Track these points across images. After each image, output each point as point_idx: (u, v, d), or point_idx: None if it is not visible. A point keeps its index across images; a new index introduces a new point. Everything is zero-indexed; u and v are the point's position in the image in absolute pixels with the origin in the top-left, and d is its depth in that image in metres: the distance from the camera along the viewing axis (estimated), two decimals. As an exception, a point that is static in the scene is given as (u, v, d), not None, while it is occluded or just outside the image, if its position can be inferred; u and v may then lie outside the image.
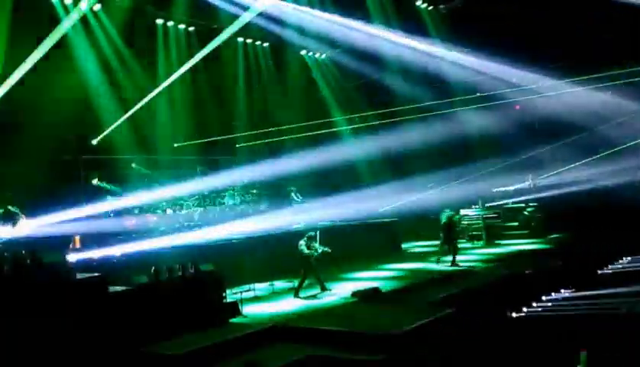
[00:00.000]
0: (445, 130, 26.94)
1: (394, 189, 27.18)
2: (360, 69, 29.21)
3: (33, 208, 17.95)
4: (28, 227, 16.71)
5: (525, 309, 13.87)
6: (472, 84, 28.00)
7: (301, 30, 26.48)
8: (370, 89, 29.95)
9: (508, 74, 26.39)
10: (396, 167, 29.13)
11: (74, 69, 21.73)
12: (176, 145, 25.40)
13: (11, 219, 16.48)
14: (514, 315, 13.62)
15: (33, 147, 19.39)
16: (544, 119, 27.71)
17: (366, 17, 25.93)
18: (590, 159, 25.81)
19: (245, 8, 22.79)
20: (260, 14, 23.48)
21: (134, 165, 23.42)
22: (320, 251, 16.74)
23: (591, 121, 25.70)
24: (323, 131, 27.91)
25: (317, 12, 24.65)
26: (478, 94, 27.42)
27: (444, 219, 20.99)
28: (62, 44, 20.76)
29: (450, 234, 20.83)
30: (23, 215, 16.68)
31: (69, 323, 11.13)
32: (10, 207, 16.77)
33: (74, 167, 22.22)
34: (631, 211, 22.21)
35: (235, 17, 23.34)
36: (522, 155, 26.96)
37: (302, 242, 16.69)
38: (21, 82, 18.81)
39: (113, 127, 22.89)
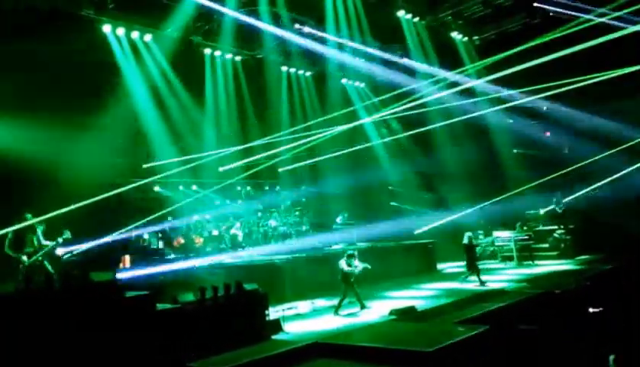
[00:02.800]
0: (478, 152, 27.05)
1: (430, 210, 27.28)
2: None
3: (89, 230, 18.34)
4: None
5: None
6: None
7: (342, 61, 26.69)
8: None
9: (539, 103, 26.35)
10: (432, 190, 29.15)
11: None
12: (221, 169, 25.67)
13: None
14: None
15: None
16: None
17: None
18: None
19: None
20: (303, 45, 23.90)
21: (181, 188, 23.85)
22: (361, 267, 16.77)
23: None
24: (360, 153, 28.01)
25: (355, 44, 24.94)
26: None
27: (465, 240, 20.99)
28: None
29: (470, 254, 20.82)
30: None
31: (119, 339, 11.30)
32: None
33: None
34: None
35: (280, 46, 23.87)
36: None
37: (342, 261, 16.74)
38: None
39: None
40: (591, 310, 15.05)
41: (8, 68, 17.63)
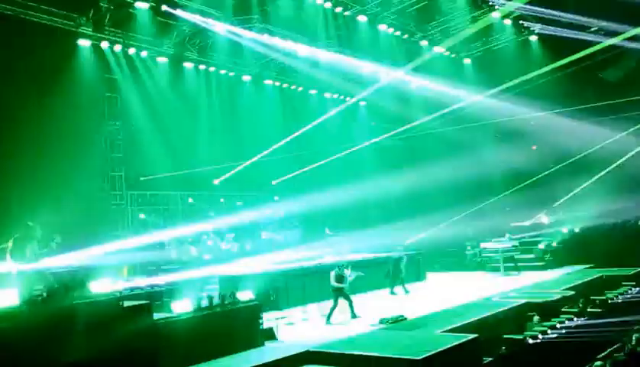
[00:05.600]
0: (467, 166, 27.29)
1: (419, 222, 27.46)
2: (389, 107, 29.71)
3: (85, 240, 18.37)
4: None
5: (540, 336, 13.85)
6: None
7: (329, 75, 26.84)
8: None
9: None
10: (420, 202, 29.30)
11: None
12: (215, 182, 25.79)
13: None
14: (530, 341, 13.61)
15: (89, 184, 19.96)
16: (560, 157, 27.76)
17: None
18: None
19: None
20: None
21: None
22: (354, 276, 16.91)
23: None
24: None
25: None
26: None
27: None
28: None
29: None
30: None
31: (117, 348, 11.34)
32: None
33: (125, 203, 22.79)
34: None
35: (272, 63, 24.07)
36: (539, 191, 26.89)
37: (333, 272, 16.89)
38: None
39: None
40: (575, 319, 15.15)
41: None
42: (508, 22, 27.00)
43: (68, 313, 11.39)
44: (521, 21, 26.95)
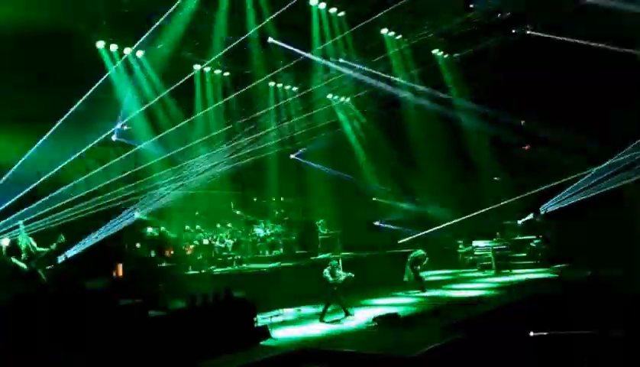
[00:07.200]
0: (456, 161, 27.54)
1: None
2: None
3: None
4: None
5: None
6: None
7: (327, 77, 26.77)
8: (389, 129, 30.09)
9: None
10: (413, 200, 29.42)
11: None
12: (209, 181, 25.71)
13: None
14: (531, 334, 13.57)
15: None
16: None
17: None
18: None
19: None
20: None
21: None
22: (344, 277, 16.89)
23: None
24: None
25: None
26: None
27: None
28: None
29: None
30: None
31: (112, 345, 11.33)
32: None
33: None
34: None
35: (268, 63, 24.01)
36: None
37: (326, 270, 16.87)
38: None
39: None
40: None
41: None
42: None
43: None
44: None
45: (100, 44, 20.72)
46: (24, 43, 17.36)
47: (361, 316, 16.37)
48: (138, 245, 21.66)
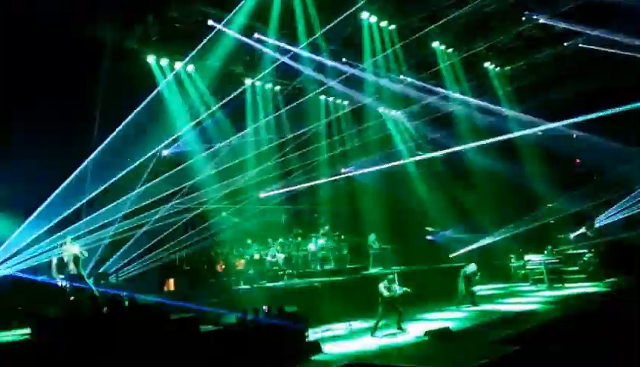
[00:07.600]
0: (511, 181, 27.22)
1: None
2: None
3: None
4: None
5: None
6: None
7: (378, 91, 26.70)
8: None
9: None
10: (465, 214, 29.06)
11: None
12: (261, 196, 25.84)
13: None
14: None
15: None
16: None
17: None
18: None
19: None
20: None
21: (224, 214, 24.13)
22: (400, 292, 16.79)
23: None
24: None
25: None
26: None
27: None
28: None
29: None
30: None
31: (165, 361, 11.44)
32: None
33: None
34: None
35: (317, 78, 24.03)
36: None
37: (381, 285, 16.78)
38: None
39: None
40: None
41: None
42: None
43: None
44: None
45: (150, 59, 21.06)
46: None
47: (413, 331, 16.23)
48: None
